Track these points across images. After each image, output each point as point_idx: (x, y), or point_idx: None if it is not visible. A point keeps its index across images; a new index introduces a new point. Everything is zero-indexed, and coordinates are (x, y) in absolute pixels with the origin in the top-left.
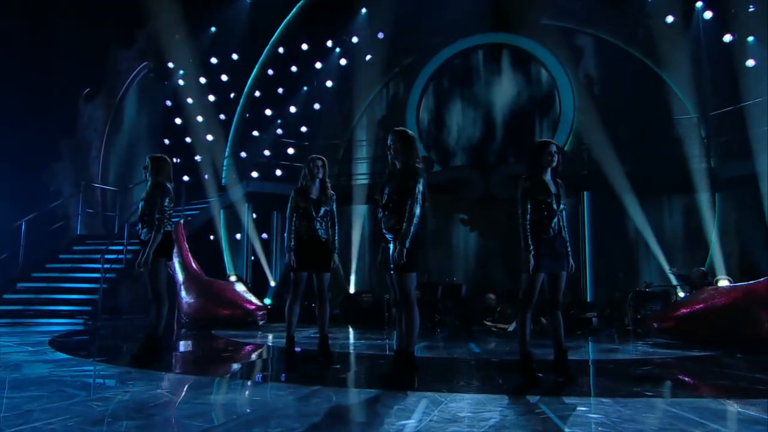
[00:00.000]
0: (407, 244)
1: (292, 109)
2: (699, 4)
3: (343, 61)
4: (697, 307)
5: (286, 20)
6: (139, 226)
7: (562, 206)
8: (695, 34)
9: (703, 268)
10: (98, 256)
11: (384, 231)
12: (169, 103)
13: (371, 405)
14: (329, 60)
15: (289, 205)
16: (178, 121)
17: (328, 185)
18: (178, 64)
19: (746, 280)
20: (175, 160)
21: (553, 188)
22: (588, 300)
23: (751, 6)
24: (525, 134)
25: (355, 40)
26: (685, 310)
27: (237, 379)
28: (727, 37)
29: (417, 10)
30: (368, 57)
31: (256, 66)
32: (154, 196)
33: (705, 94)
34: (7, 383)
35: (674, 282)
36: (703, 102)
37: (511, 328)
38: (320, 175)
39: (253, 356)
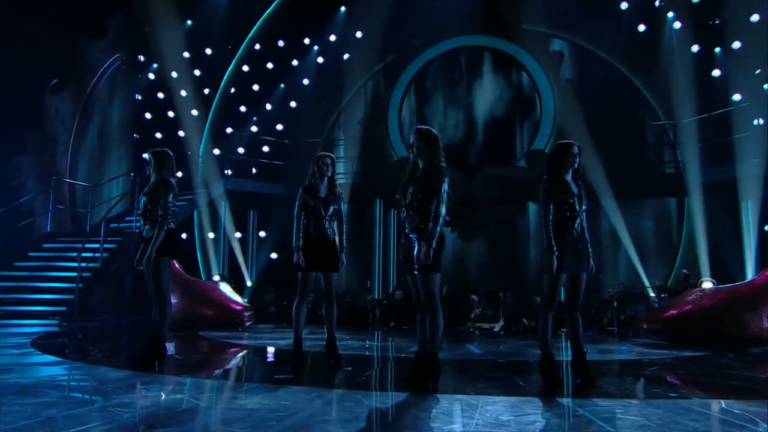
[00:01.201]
0: (433, 244)
1: (268, 107)
2: (670, 15)
3: (320, 59)
4: (686, 308)
5: (263, 16)
6: (141, 222)
7: (584, 207)
8: (666, 43)
9: (685, 271)
10: (71, 254)
11: (407, 231)
12: (141, 97)
13: (407, 408)
14: (306, 58)
15: (296, 203)
16: (150, 115)
17: (337, 183)
18: (152, 58)
19: (716, 282)
20: (144, 156)
21: (575, 189)
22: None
23: (717, 19)
24: (506, 136)
25: (332, 38)
26: (673, 312)
27: (254, 383)
28: (695, 47)
29: (397, 11)
30: (346, 56)
31: (232, 62)
32: (157, 192)
33: (675, 102)
34: (8, 389)
35: (653, 294)
36: (673, 109)
37: (496, 328)
38: (329, 173)
39: (259, 359)
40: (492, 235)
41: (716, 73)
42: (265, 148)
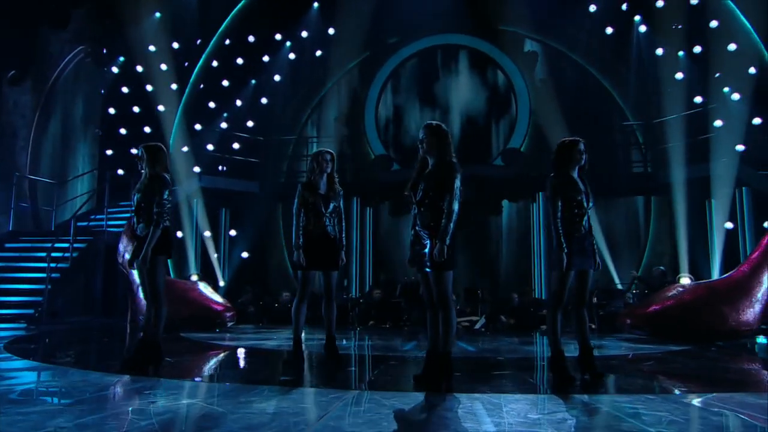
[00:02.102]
0: (447, 241)
1: (239, 103)
2: (637, 18)
3: (292, 56)
4: (667, 303)
5: (234, 11)
6: (135, 220)
7: (591, 204)
8: (633, 45)
9: (662, 267)
10: (36, 254)
11: (418, 228)
12: (106, 91)
13: (432, 408)
14: (278, 54)
15: (296, 201)
16: (115, 110)
17: (336, 180)
18: (118, 51)
19: (693, 278)
20: (108, 152)
21: (581, 186)
22: (543, 298)
23: (679, 25)
24: (482, 135)
25: (304, 34)
26: (656, 307)
27: (262, 385)
28: (660, 51)
29: (372, 8)
30: (319, 53)
31: (202, 57)
32: (151, 189)
33: (642, 103)
34: (1, 397)
35: (635, 284)
36: (641, 110)
37: (477, 325)
38: (328, 170)
39: (257, 360)
40: (467, 233)
41: (679, 76)
42: (236, 145)
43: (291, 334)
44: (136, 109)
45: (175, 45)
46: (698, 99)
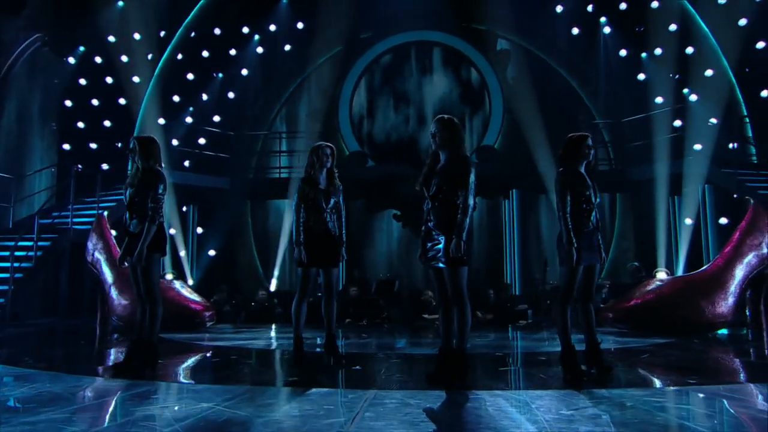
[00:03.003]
0: (464, 237)
1: (205, 97)
2: (603, 19)
3: (260, 50)
4: (648, 297)
5: (200, 3)
6: (127, 216)
7: (598, 199)
8: (600, 46)
9: (636, 263)
10: None
11: (431, 224)
12: (64, 82)
13: (461, 407)
14: (246, 47)
15: (296, 196)
16: (72, 103)
17: (336, 175)
18: (78, 40)
19: (669, 272)
20: (64, 146)
21: (589, 181)
22: (517, 294)
23: (642, 27)
24: None
25: (273, 28)
26: (637, 301)
27: (273, 387)
28: (623, 52)
29: (344, 3)
30: (287, 47)
31: (167, 49)
32: (146, 183)
33: (608, 103)
34: None
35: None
36: (607, 110)
37: None
38: (328, 164)
39: (255, 361)
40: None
41: (641, 76)
42: (202, 140)
43: (277, 333)
44: (95, 101)
45: (137, 36)
46: (659, 100)
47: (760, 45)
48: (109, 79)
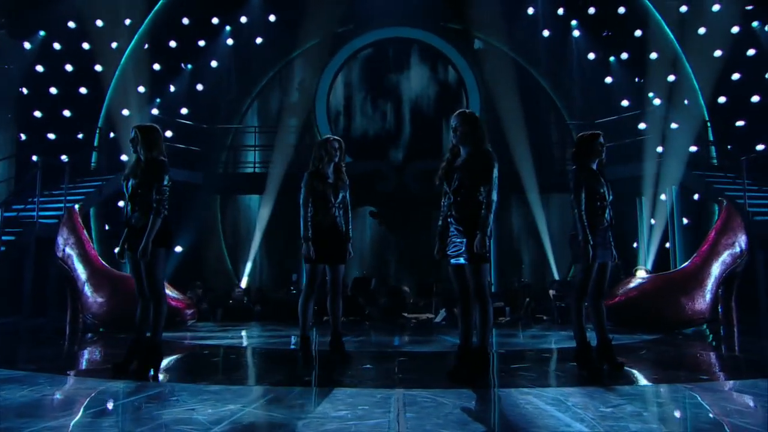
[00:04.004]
0: (488, 233)
1: (172, 89)
2: (574, 22)
3: (230, 41)
4: (631, 295)
5: None
6: (129, 208)
7: (611, 196)
8: (571, 49)
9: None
10: None
11: (451, 220)
12: (20, 68)
13: (498, 405)
14: (216, 39)
15: (303, 190)
16: (29, 91)
17: (343, 169)
18: (37, 24)
19: (649, 270)
20: (20, 136)
21: (602, 178)
22: (493, 291)
23: (609, 32)
24: (434, 130)
25: (243, 20)
26: (620, 298)
27: (294, 387)
28: (592, 55)
29: None
30: (259, 40)
31: (134, 38)
32: (150, 174)
33: (578, 104)
34: (7, 411)
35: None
36: (577, 111)
37: (437, 318)
38: (337, 158)
39: (260, 360)
40: (418, 227)
41: (608, 80)
42: (169, 133)
43: (263, 332)
44: (54, 90)
45: (100, 23)
46: (625, 103)
47: (717, 53)
48: (69, 67)
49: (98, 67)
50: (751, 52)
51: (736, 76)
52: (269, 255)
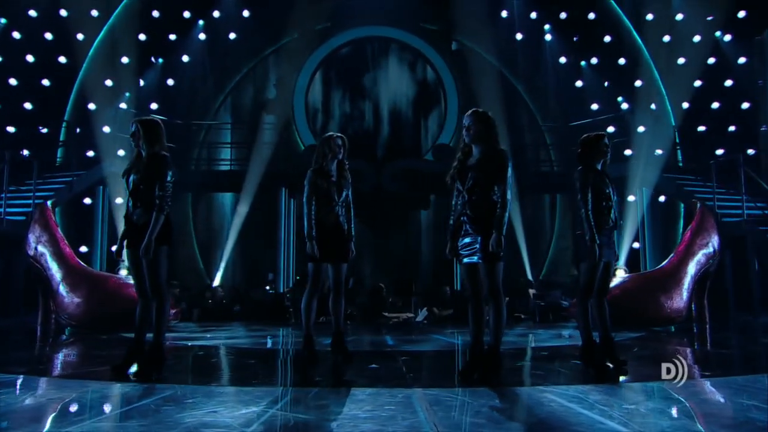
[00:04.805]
0: (504, 231)
1: (141, 83)
2: (547, 26)
3: (202, 36)
4: (614, 293)
5: None
6: (130, 204)
7: (615, 196)
8: (545, 53)
9: None
10: None
11: (464, 219)
12: None
13: (524, 404)
14: (187, 33)
15: (306, 187)
16: None
17: (347, 167)
18: None
19: (628, 269)
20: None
21: (607, 179)
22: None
23: (578, 36)
24: (413, 129)
25: (216, 14)
26: None
27: (311, 388)
28: (563, 59)
29: None
30: (232, 35)
31: (102, 30)
32: (152, 169)
33: (550, 107)
34: (15, 415)
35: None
36: (549, 114)
37: (419, 317)
38: (340, 156)
39: (264, 361)
40: (397, 226)
41: (579, 83)
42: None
43: (249, 332)
44: (13, 81)
45: (64, 13)
46: (594, 106)
47: (681, 61)
48: (30, 58)
49: (62, 59)
50: (711, 60)
51: (698, 83)
52: (243, 254)
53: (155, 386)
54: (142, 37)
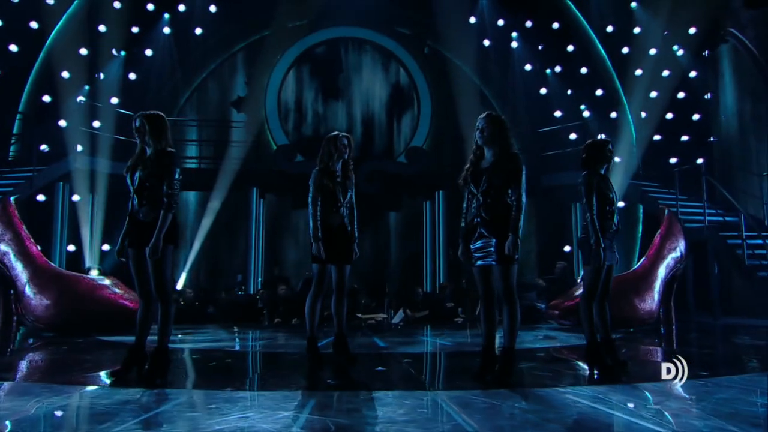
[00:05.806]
0: (520, 234)
1: (101, 76)
2: (514, 34)
3: (167, 30)
4: None
5: None
6: (135, 202)
7: (618, 201)
8: (512, 60)
9: (564, 262)
10: None
11: (477, 221)
12: None
13: (552, 405)
14: (151, 26)
15: (312, 188)
16: None
17: (352, 167)
18: None
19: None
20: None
21: (610, 183)
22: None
23: (540, 45)
24: (386, 130)
25: (182, 8)
26: (578, 300)
27: (332, 392)
28: (528, 67)
29: None
30: (199, 30)
31: (61, 20)
32: (159, 166)
33: (517, 113)
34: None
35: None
36: (515, 120)
37: (395, 320)
38: (346, 155)
39: (262, 363)
40: (369, 228)
41: (543, 91)
42: (96, 123)
43: (231, 335)
44: None
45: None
46: (558, 113)
47: (638, 72)
48: None
49: (13, 47)
50: (665, 73)
51: (653, 94)
52: (210, 255)
53: (164, 391)
54: (102, 28)
